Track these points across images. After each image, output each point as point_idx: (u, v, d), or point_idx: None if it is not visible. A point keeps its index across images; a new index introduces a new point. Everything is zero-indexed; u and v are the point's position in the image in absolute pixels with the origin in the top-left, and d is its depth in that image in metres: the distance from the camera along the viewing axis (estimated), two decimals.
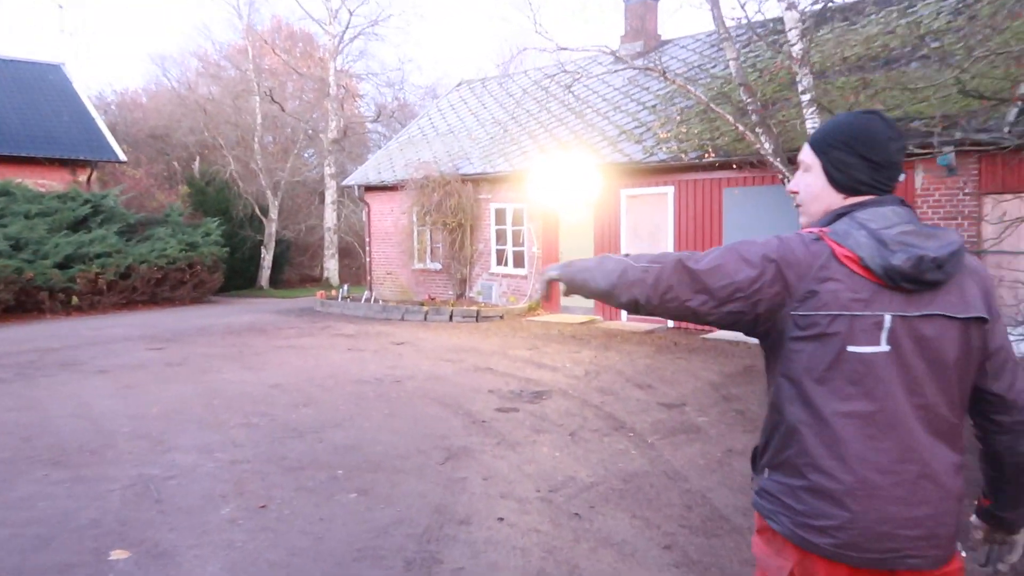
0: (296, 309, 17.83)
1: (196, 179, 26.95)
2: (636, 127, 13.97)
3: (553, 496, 5.00)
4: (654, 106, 14.40)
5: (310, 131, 27.90)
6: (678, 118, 13.24)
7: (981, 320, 1.64)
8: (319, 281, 28.52)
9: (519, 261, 15.68)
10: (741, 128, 9.89)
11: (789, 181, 9.42)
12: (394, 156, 19.04)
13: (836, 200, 1.74)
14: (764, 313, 1.64)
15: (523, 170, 14.84)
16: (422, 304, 15.12)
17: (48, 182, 20.08)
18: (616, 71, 13.39)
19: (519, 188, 15.45)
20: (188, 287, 19.81)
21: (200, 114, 26.35)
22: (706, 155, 11.50)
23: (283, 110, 25.13)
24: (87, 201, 18.60)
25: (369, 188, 18.76)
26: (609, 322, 13.69)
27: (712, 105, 10.11)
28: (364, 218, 19.54)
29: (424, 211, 16.28)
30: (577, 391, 8.16)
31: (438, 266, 17.19)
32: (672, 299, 1.65)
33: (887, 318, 1.58)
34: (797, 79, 9.19)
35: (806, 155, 1.79)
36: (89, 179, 21.06)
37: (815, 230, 1.68)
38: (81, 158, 20.69)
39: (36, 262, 16.74)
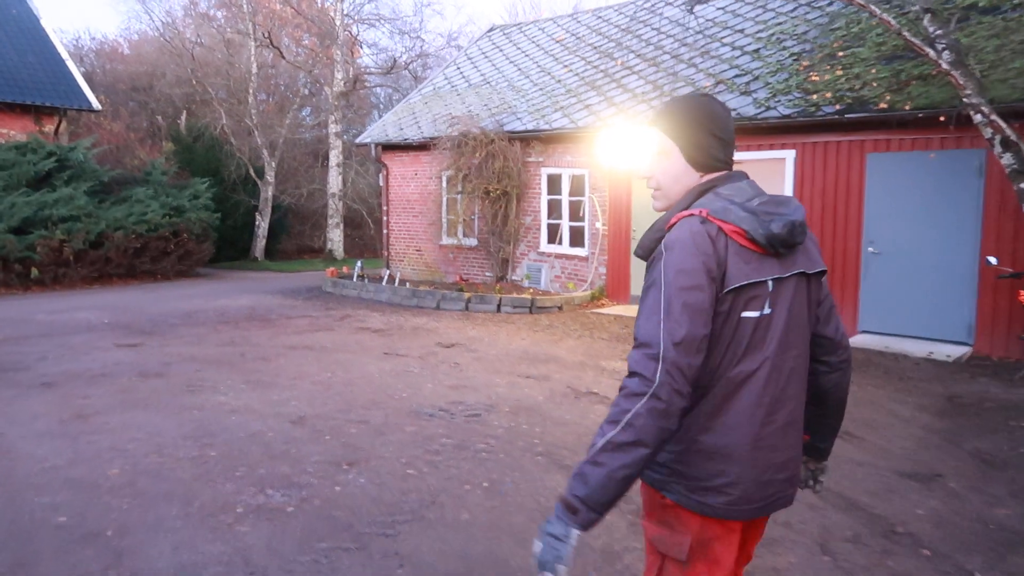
0: (302, 289, 14.99)
1: (182, 134, 23.87)
2: (737, 75, 11.16)
3: None
4: (756, 50, 11.57)
5: (313, 83, 24.82)
6: (804, 63, 10.44)
7: (821, 273, 1.88)
8: (320, 253, 25.68)
9: (577, 239, 12.90)
10: (945, 66, 7.11)
11: (999, 143, 6.62)
12: (418, 111, 16.12)
13: (694, 179, 1.84)
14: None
15: (588, 128, 12.02)
16: (461, 289, 12.34)
17: (8, 131, 17.04)
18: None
19: (579, 150, 12.63)
20: (172, 259, 16.93)
21: (187, 60, 23.18)
22: (882, 104, 8.71)
23: (283, 57, 22.03)
24: (51, 154, 15.59)
25: (388, 147, 15.87)
26: None
27: (908, 35, 7.29)
28: (381, 183, 16.66)
29: (461, 175, 13.43)
30: None
31: (473, 242, 14.38)
32: (691, 368, 1.64)
33: (769, 283, 1.73)
34: None
35: (659, 140, 1.86)
36: (57, 129, 18.01)
37: (694, 212, 1.74)
38: (48, 104, 17.60)
39: None
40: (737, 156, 10.62)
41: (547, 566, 1.60)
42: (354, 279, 14.29)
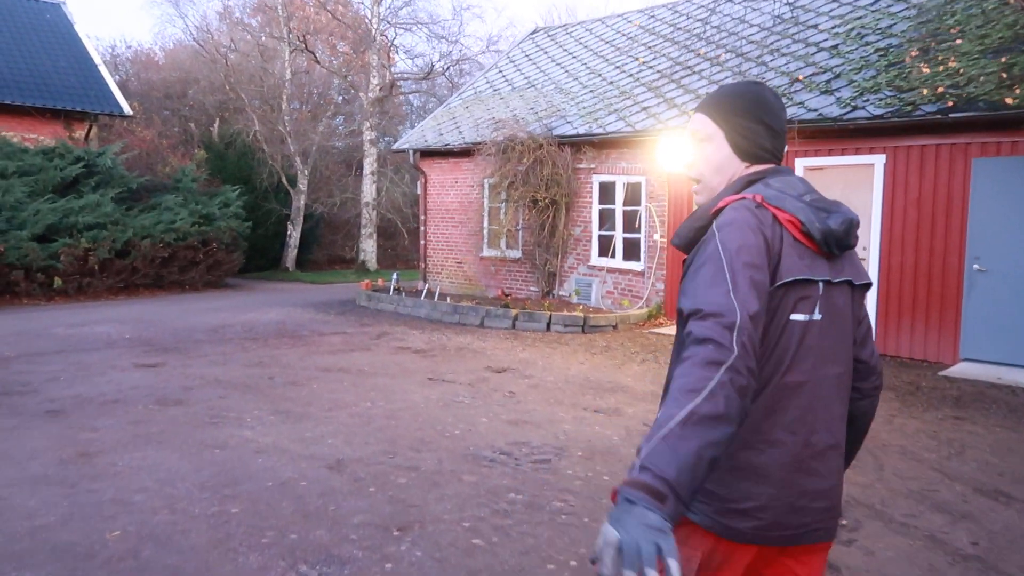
0: (335, 302, 14.18)
1: (215, 141, 23.33)
2: (814, 73, 10.14)
3: None
4: (835, 46, 10.54)
5: (347, 90, 24.18)
6: (894, 58, 9.42)
7: (866, 287, 1.69)
8: (352, 264, 24.96)
9: (631, 252, 11.92)
10: None
11: None
12: (458, 116, 15.30)
13: (739, 169, 1.68)
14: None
15: (647, 131, 11.06)
16: (506, 305, 11.41)
17: (38, 136, 16.53)
18: None
19: (635, 156, 11.68)
20: (201, 269, 16.25)
21: (221, 67, 22.65)
22: (1009, 99, 7.65)
23: (317, 62, 21.38)
24: (79, 159, 15.01)
25: (426, 154, 15.05)
26: None
27: None
28: (419, 191, 15.84)
29: (506, 183, 12.53)
30: (888, 501, 4.44)
31: (517, 254, 13.47)
32: (757, 352, 1.44)
33: (820, 286, 1.56)
34: None
35: (703, 125, 1.70)
36: (88, 135, 17.48)
37: (747, 196, 1.57)
38: (78, 109, 17.08)
39: (9, 232, 13.21)
40: (817, 161, 9.62)
41: (647, 560, 1.19)
42: (390, 292, 13.45)
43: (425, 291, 13.23)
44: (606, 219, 12.29)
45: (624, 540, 1.21)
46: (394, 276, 14.79)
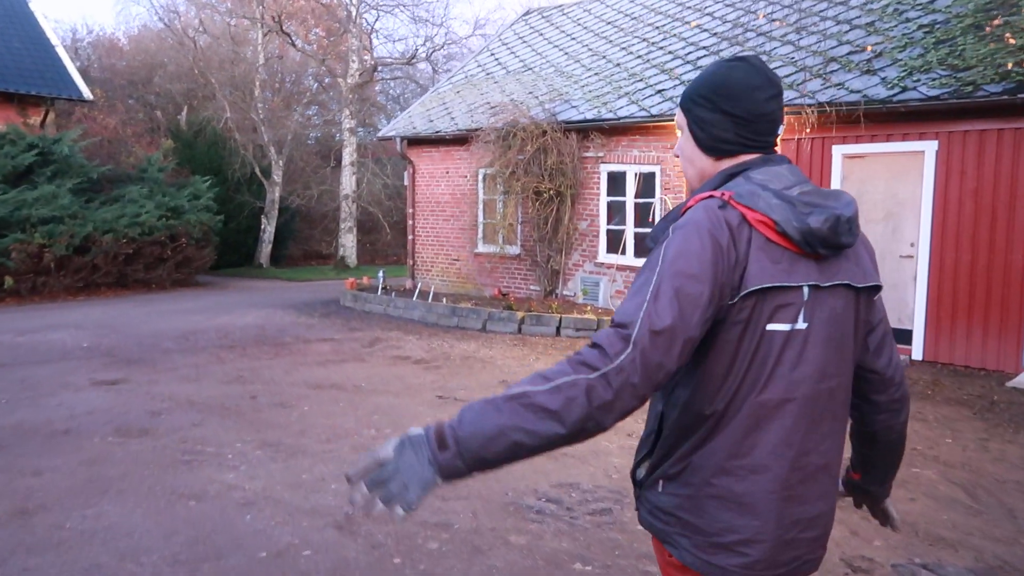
0: (317, 303, 13.06)
1: (183, 130, 21.95)
2: (850, 52, 9.24)
3: None
4: (871, 23, 9.65)
5: (323, 76, 22.93)
6: (942, 34, 8.55)
7: (873, 290, 1.51)
8: (330, 260, 23.77)
9: (644, 248, 10.95)
10: None
11: None
12: (449, 101, 14.22)
13: (707, 164, 1.53)
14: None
15: (664, 116, 10.10)
16: (509, 307, 10.39)
17: None
18: None
19: (648, 143, 10.72)
20: (169, 266, 15.01)
21: (190, 50, 21.26)
22: None
23: (292, 44, 20.09)
24: (32, 146, 13.68)
25: (415, 142, 13.95)
26: None
27: None
28: (406, 182, 14.74)
29: (508, 172, 11.49)
30: None
31: (516, 250, 12.45)
32: (660, 370, 1.29)
33: (805, 291, 1.39)
34: None
35: (679, 115, 1.59)
36: (43, 121, 16.07)
37: (715, 193, 1.41)
38: (33, 93, 15.68)
39: None
40: (857, 149, 8.72)
41: (389, 498, 1.25)
42: (379, 292, 12.36)
43: (417, 291, 12.16)
44: (615, 212, 11.31)
45: (387, 467, 1.26)
46: (380, 274, 13.71)
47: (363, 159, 21.88)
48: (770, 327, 1.36)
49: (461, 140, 12.82)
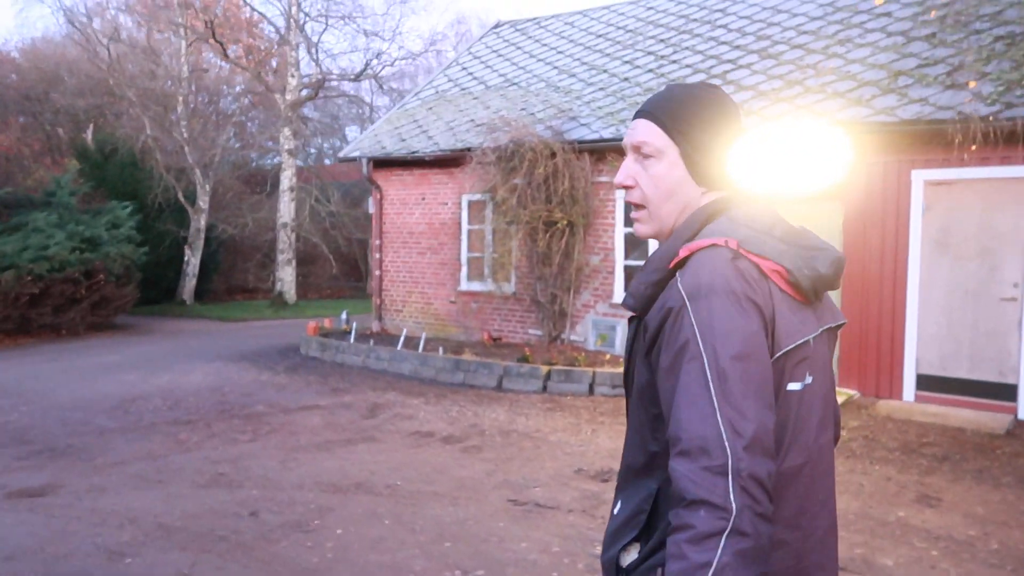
0: (273, 352, 10.97)
1: (90, 149, 19.29)
2: (919, 65, 8.14)
3: None
4: (932, 34, 8.61)
5: (255, 93, 20.77)
6: None
7: (839, 328, 1.41)
8: (257, 294, 21.44)
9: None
10: None
11: None
12: (421, 118, 12.51)
13: (695, 198, 1.36)
14: None
15: None
16: (525, 358, 8.69)
17: None
18: None
19: None
20: (83, 308, 12.59)
21: (101, 58, 18.73)
22: None
23: (225, 56, 17.88)
24: None
25: (383, 164, 12.16)
26: (884, 401, 7.73)
27: None
28: (371, 209, 12.89)
29: (513, 199, 9.85)
30: None
31: (510, 288, 10.79)
32: (771, 477, 1.14)
33: (812, 343, 1.28)
34: None
35: (651, 136, 1.34)
36: None
37: (719, 241, 1.24)
38: None
39: None
40: (944, 174, 7.54)
41: None
42: (351, 339, 10.43)
43: (403, 338, 10.29)
44: (633, 246, 9.84)
45: None
46: (344, 315, 11.81)
47: (304, 184, 19.75)
48: (789, 387, 1.24)
49: (442, 162, 11.16)
